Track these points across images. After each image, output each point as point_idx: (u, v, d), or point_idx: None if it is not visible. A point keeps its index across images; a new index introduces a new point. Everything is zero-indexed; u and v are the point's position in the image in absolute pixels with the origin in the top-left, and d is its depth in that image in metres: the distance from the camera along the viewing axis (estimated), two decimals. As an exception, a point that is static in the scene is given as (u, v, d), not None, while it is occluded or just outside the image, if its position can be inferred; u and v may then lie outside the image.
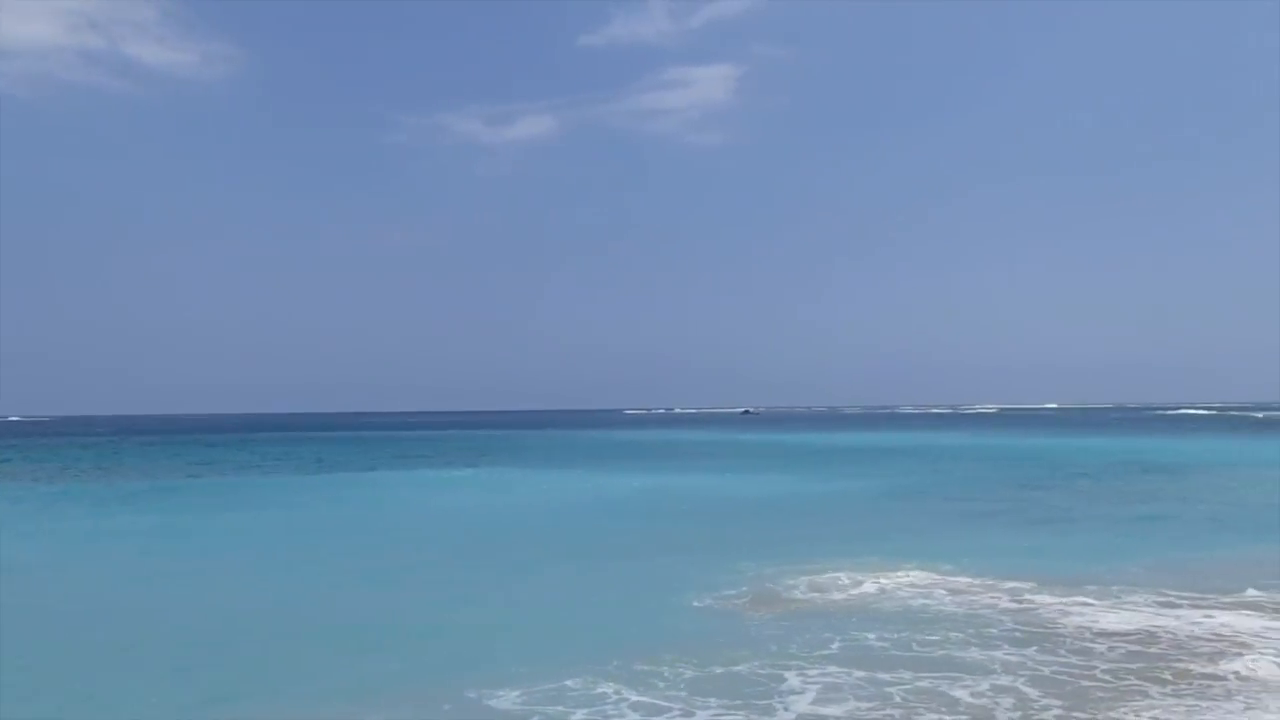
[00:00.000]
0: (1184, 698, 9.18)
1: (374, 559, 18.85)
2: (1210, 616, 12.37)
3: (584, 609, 13.80)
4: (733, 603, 13.76)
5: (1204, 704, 8.98)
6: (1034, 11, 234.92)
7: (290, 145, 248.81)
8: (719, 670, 10.23)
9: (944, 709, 8.99)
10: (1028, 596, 13.65)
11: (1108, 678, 9.85)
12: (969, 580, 14.93)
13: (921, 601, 13.56)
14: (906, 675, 10.01)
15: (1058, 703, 9.11)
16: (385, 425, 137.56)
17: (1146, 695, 9.29)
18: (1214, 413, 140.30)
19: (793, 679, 9.92)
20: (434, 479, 39.90)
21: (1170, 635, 11.44)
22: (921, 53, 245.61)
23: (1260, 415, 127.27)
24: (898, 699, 9.28)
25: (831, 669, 10.21)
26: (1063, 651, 10.87)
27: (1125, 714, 8.77)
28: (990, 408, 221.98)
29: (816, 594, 14.22)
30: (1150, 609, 12.84)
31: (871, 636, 11.58)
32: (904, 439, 74.18)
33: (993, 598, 13.67)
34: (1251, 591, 13.73)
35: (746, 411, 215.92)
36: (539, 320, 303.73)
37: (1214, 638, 11.29)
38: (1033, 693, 9.41)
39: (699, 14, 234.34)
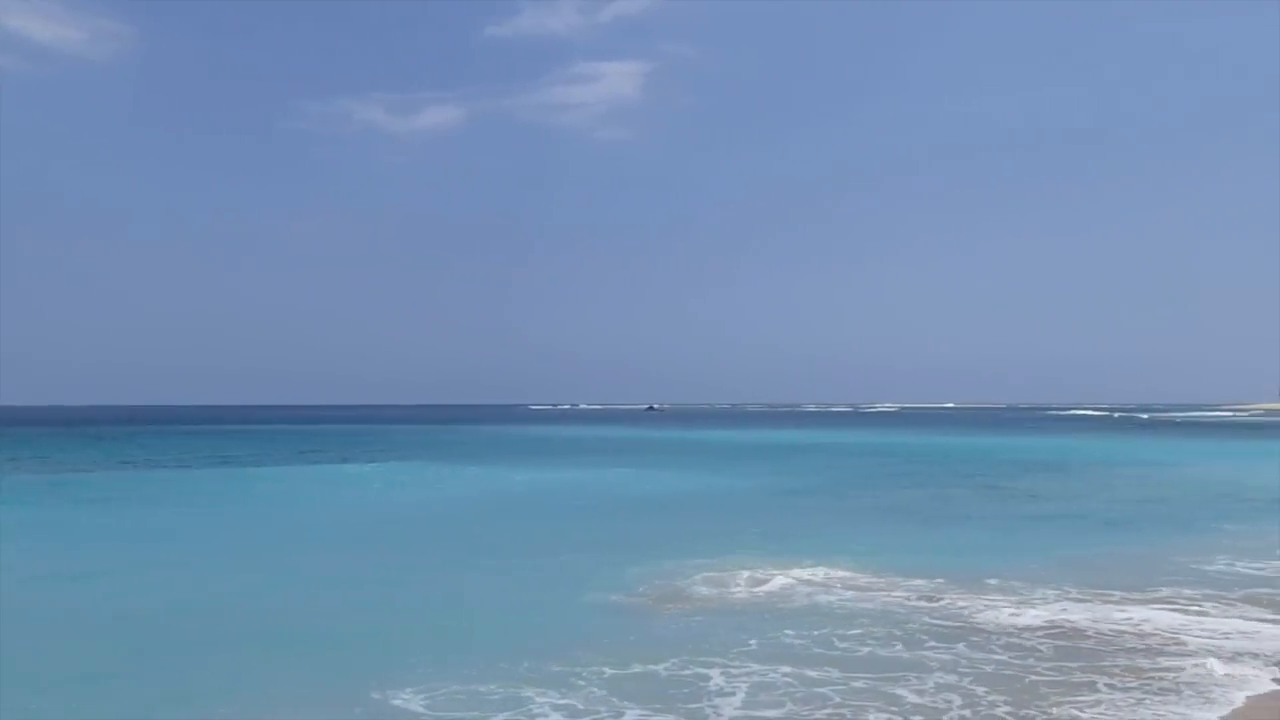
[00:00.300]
0: (1130, 691, 9.10)
1: (270, 558, 17.97)
2: (1123, 610, 12.41)
3: (488, 608, 13.27)
4: (638, 600, 13.41)
5: (1155, 698, 8.91)
6: (928, 11, 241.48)
7: (181, 129, 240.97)
8: (638, 669, 9.82)
9: (892, 708, 8.70)
10: (933, 593, 13.54)
11: (1053, 674, 9.70)
12: (870, 577, 14.78)
13: (827, 598, 13.37)
14: (836, 674, 9.71)
15: (1007, 699, 8.89)
16: (280, 419, 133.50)
17: (1095, 689, 9.16)
18: (1103, 414, 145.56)
19: (717, 678, 9.56)
20: (333, 475, 38.68)
21: (1096, 631, 11.39)
22: (823, 52, 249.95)
23: (1145, 416, 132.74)
24: (835, 699, 8.95)
25: (755, 667, 9.88)
26: (995, 648, 10.69)
27: (1084, 709, 8.61)
28: (891, 407, 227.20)
29: (720, 590, 13.97)
30: (1060, 605, 12.82)
31: (790, 634, 11.30)
32: (805, 437, 75.00)
33: (898, 594, 13.54)
34: (1164, 589, 13.81)
35: (651, 408, 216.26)
36: (442, 314, 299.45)
37: (1140, 633, 11.27)
38: (980, 690, 9.18)
39: (608, 9, 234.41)
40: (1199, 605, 12.79)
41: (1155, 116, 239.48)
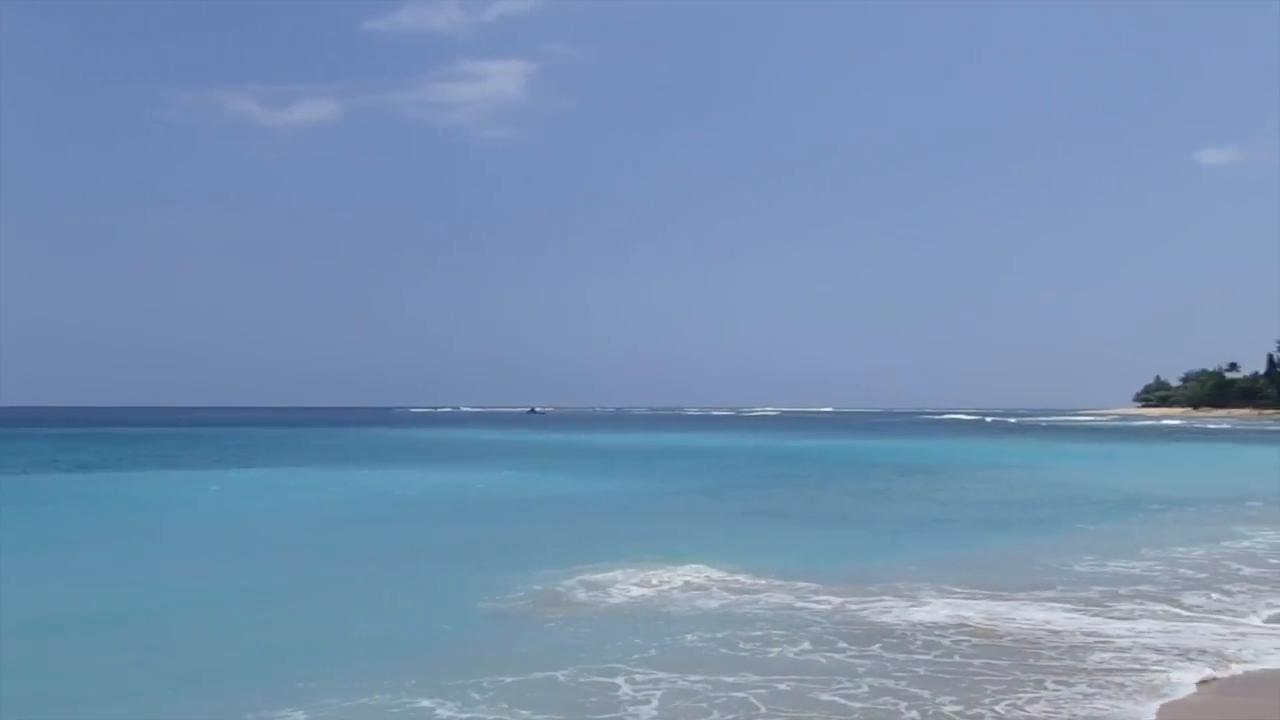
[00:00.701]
0: (1076, 687, 9.13)
1: (128, 569, 16.85)
2: (1021, 609, 12.54)
3: (367, 619, 12.64)
4: (518, 606, 13.10)
5: (1105, 692, 8.98)
6: (807, 12, 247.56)
7: (46, 116, 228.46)
8: (538, 677, 9.47)
9: (835, 715, 8.52)
10: (820, 595, 13.47)
11: (991, 672, 9.64)
12: (751, 579, 14.72)
13: (711, 601, 13.26)
14: (754, 678, 9.47)
15: (953, 699, 8.80)
16: (137, 420, 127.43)
17: (1042, 687, 9.16)
18: (975, 418, 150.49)
19: (625, 687, 9.26)
20: (198, 480, 36.60)
21: (1007, 630, 11.43)
22: (702, 56, 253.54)
23: (1014, 420, 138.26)
24: (763, 708, 8.67)
25: (662, 674, 9.57)
26: (915, 649, 10.62)
27: (1032, 706, 8.62)
28: (772, 410, 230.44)
29: (600, 595, 13.74)
30: (953, 604, 12.85)
31: (690, 638, 11.09)
32: (686, 440, 75.40)
33: (783, 596, 13.47)
34: (1049, 589, 14.08)
35: (533, 410, 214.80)
36: (320, 313, 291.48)
37: (1054, 631, 11.37)
38: (924, 691, 9.05)
39: (492, 8, 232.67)
40: (1098, 604, 12.97)
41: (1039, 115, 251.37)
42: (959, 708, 8.57)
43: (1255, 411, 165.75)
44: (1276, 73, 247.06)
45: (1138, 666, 9.81)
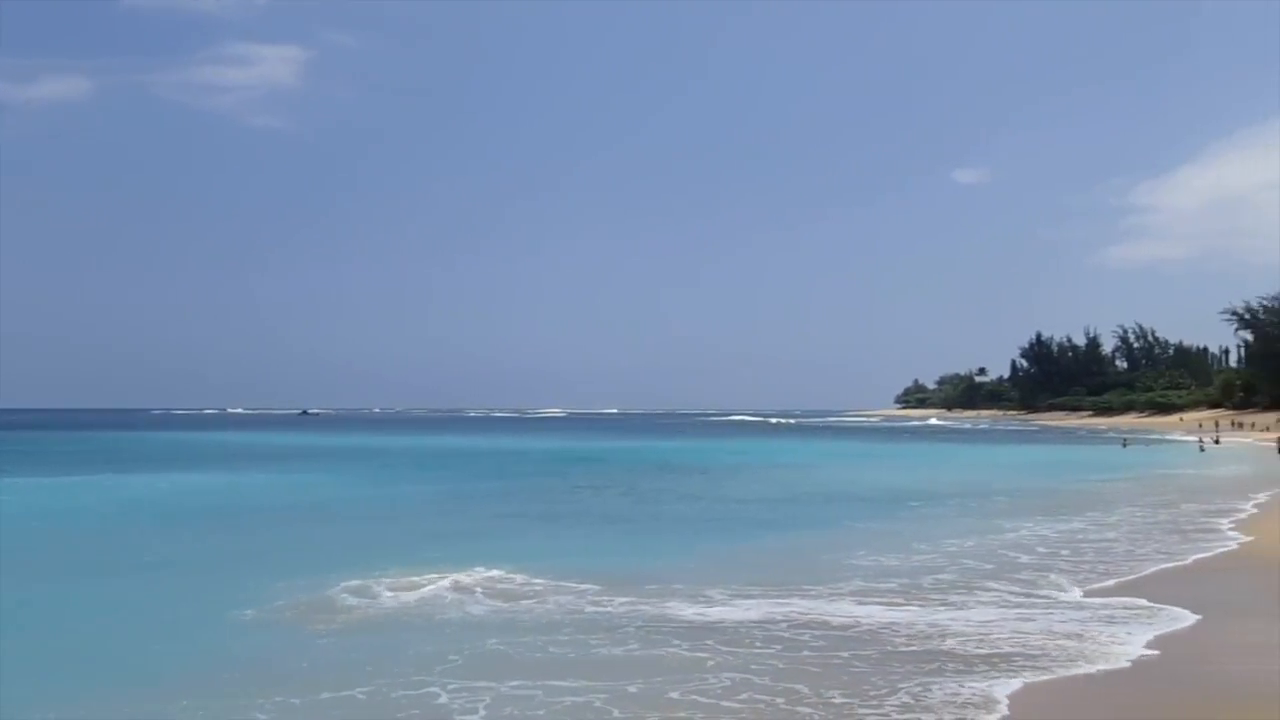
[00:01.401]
0: (953, 675, 9.06)
1: None
2: (831, 604, 12.52)
3: (122, 638, 11.31)
4: (285, 616, 12.09)
5: (995, 674, 9.06)
6: (586, 12, 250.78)
7: None
8: (327, 696, 8.53)
9: (700, 713, 8.04)
10: (610, 595, 13.02)
11: (862, 665, 9.46)
12: (531, 581, 14.14)
13: (499, 605, 12.66)
14: (591, 682, 8.87)
15: (840, 691, 8.54)
16: None
17: (919, 674, 9.03)
18: (759, 419, 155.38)
19: (444, 697, 8.51)
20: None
21: (843, 624, 11.29)
22: (488, 50, 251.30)
23: (793, 421, 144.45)
24: (616, 712, 8.11)
25: (481, 683, 8.82)
26: (755, 644, 10.31)
27: (929, 691, 8.51)
28: (557, 412, 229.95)
29: (372, 601, 12.89)
30: (756, 601, 12.62)
31: (493, 642, 10.44)
32: (466, 442, 73.66)
33: (572, 598, 12.99)
34: (843, 583, 14.15)
35: (305, 412, 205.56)
36: (68, 308, 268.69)
37: (886, 624, 11.33)
38: (799, 686, 8.69)
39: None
40: (908, 596, 13.13)
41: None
42: (850, 700, 8.35)
43: (1001, 412, 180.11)
44: (1024, 99, 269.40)
45: (989, 651, 9.99)
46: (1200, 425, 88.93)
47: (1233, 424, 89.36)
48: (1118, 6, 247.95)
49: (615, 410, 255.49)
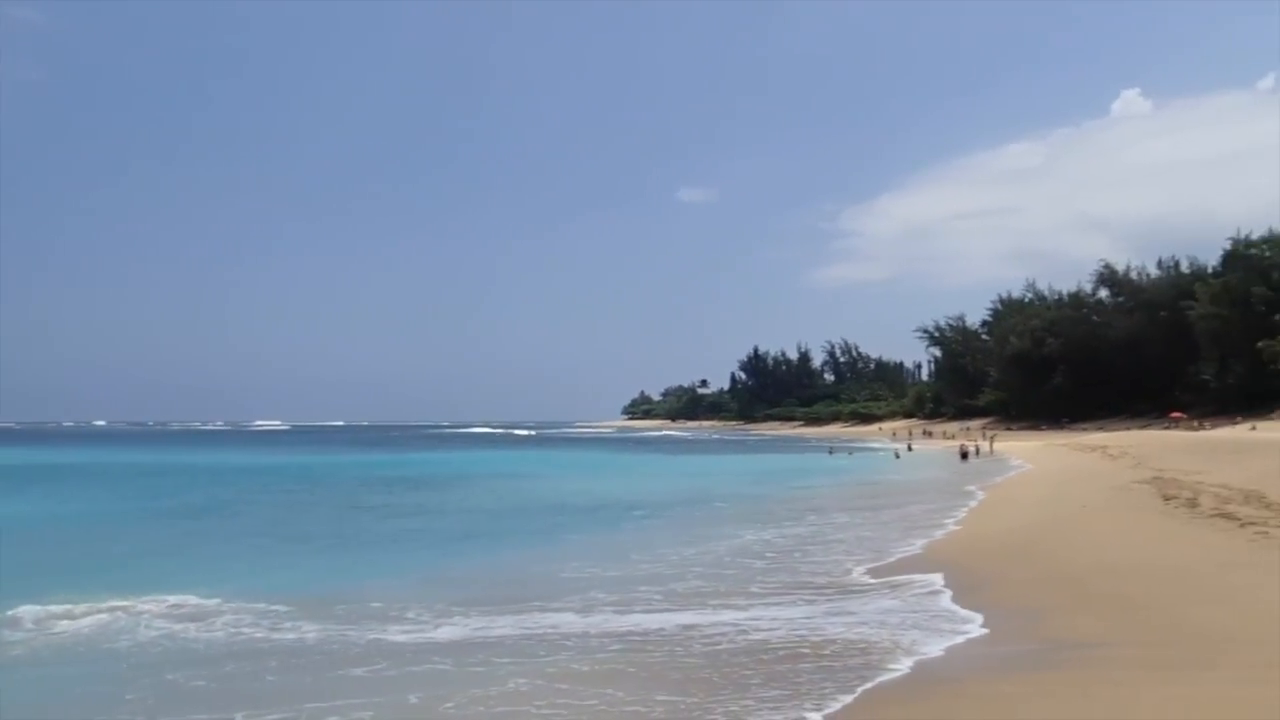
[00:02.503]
0: (830, 675, 9.04)
1: None
2: (534, 616, 11.97)
3: None
4: None
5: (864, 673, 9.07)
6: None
7: None
8: None
9: None
10: (308, 621, 11.96)
11: (705, 670, 9.31)
12: (219, 604, 12.89)
13: (180, 630, 11.46)
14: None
15: (698, 699, 8.38)
16: None
17: (794, 678, 8.98)
18: (497, 431, 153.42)
19: None
20: None
21: (630, 634, 10.97)
22: (222, 44, 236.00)
23: (520, 433, 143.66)
24: None
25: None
26: (563, 651, 9.90)
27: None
28: (280, 424, 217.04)
29: (47, 630, 11.48)
30: (470, 620, 11.95)
31: (170, 675, 9.33)
32: (166, 458, 67.51)
33: (260, 622, 11.90)
34: (571, 596, 13.61)
35: None
36: None
37: (687, 626, 11.17)
38: (678, 698, 8.35)
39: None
40: (607, 609, 12.74)
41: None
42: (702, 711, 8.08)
43: (721, 422, 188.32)
44: (747, 125, 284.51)
45: (843, 650, 10.08)
46: (894, 434, 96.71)
47: (924, 432, 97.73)
48: (830, 50, 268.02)
49: (341, 422, 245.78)
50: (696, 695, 8.61)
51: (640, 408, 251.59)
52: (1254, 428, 62.03)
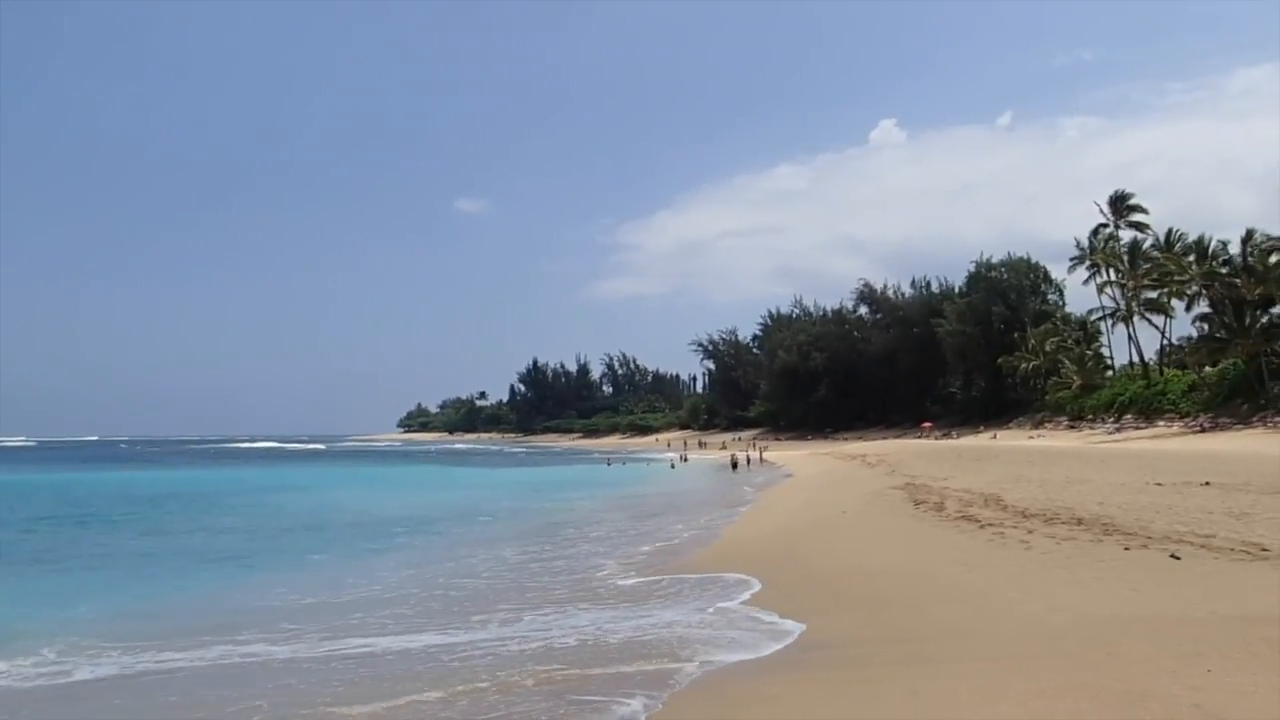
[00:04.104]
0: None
1: None
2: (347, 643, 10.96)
3: None
4: None
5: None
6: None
7: None
8: None
9: None
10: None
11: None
12: None
13: None
14: None
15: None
16: None
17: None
18: (271, 445, 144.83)
19: None
20: None
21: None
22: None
23: (296, 447, 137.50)
24: None
25: None
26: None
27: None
28: (22, 440, 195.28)
29: None
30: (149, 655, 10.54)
31: None
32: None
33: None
34: (283, 624, 12.42)
35: None
36: None
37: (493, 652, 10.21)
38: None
39: None
40: (325, 632, 11.68)
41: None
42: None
43: (500, 434, 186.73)
44: (525, 137, 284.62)
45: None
46: (670, 445, 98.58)
47: (699, 443, 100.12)
48: (610, 70, 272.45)
49: (95, 437, 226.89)
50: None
51: (417, 420, 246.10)
52: (994, 436, 67.23)
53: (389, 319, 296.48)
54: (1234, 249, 54.17)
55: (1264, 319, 52.81)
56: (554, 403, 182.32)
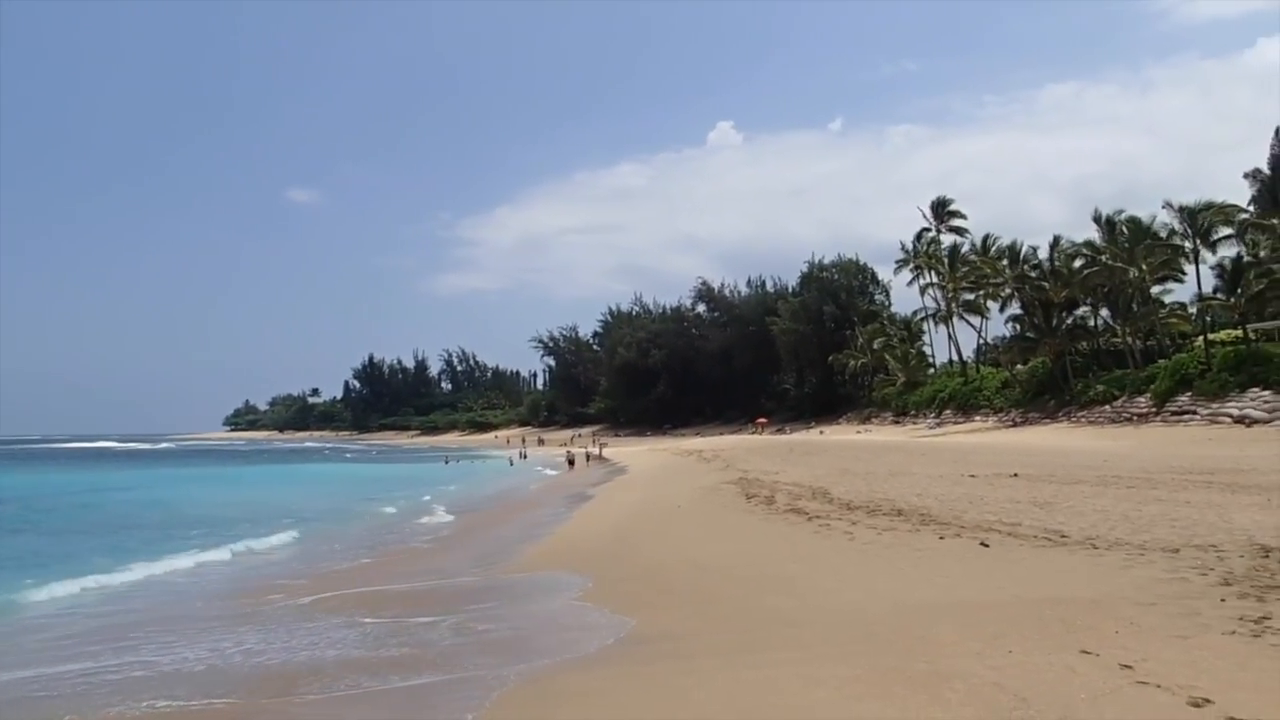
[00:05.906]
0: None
1: None
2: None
3: None
4: None
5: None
6: None
7: None
8: None
9: None
10: None
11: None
12: None
13: None
14: None
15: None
16: None
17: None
18: (85, 446, 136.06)
19: None
20: None
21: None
22: None
23: (161, 446, 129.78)
24: None
25: None
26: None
27: None
28: None
29: None
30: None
31: None
32: None
33: None
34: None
35: None
36: None
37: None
38: None
39: None
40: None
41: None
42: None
43: (334, 432, 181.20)
44: (358, 128, 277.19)
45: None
46: (509, 441, 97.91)
47: (538, 440, 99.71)
48: (449, 62, 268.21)
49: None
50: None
51: (245, 418, 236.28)
52: (823, 431, 69.54)
53: (213, 312, 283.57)
54: (1043, 254, 57.59)
55: (1068, 320, 56.43)
56: (391, 400, 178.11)
